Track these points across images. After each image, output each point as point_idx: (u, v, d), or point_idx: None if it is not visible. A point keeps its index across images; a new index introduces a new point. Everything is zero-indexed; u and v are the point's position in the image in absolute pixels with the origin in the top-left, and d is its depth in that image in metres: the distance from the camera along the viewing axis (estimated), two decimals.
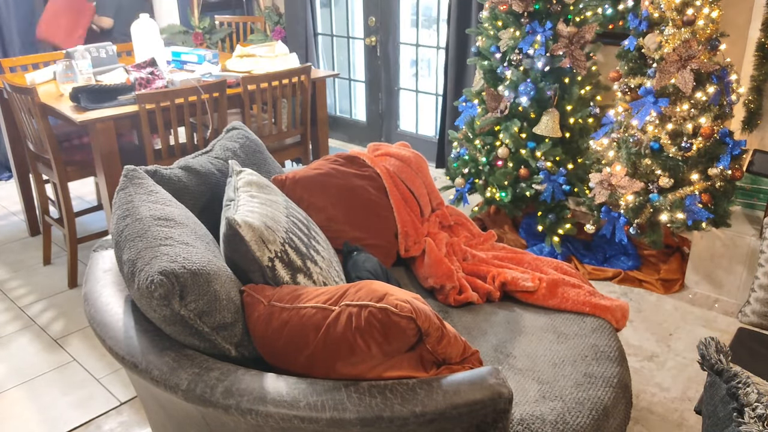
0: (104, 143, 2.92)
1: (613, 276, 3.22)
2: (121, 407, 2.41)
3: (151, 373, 1.37)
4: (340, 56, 5.43)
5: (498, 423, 1.29)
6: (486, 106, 3.34)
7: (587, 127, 3.32)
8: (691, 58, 2.69)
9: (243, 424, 1.31)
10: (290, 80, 3.45)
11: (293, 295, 1.45)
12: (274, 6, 5.32)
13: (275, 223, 1.61)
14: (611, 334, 1.95)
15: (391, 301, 1.29)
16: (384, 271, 2.01)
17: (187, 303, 1.35)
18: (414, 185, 2.45)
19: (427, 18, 4.83)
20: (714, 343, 1.32)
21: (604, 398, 1.65)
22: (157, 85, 3.22)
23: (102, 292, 1.64)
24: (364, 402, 1.25)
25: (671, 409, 2.35)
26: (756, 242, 2.87)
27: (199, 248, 1.48)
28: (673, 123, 2.82)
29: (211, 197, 1.97)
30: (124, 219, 1.56)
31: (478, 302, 2.08)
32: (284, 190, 2.16)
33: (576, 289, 2.08)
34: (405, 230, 2.33)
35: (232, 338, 1.43)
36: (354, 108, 5.49)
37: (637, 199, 2.89)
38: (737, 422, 1.13)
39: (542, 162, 3.22)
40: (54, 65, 3.40)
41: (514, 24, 3.22)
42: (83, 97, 2.98)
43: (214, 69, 3.55)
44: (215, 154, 2.10)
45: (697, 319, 2.90)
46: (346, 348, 1.29)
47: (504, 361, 1.78)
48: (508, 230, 3.58)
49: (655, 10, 2.79)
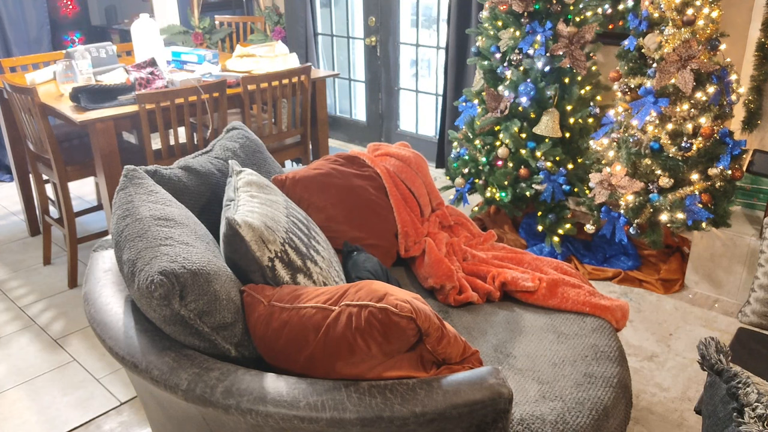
0: (104, 143, 2.92)
1: (613, 276, 3.22)
2: (121, 407, 2.41)
3: (151, 373, 1.37)
4: (340, 56, 5.42)
5: (498, 423, 1.29)
6: (486, 106, 3.34)
7: (587, 127, 3.32)
8: (691, 58, 2.69)
9: (243, 424, 1.31)
10: (290, 80, 3.45)
11: (293, 295, 1.45)
12: (274, 6, 5.32)
13: (275, 223, 1.61)
14: (611, 334, 1.95)
15: (391, 301, 1.29)
16: (384, 271, 2.01)
17: (187, 303, 1.35)
18: (414, 185, 2.45)
19: (427, 18, 4.83)
20: (714, 343, 1.32)
21: (604, 398, 1.65)
22: (157, 85, 3.22)
23: (102, 292, 1.64)
24: (364, 402, 1.25)
25: (671, 409, 2.35)
26: (756, 242, 2.87)
27: (199, 248, 1.48)
28: (673, 123, 2.82)
29: (211, 197, 1.97)
30: (124, 219, 1.56)
31: (478, 302, 2.08)
32: (284, 190, 2.16)
33: (576, 289, 2.08)
34: (405, 230, 2.33)
35: (232, 338, 1.43)
36: (354, 108, 5.49)
37: (637, 199, 2.89)
38: (737, 422, 1.13)
39: (542, 162, 3.22)
40: (54, 65, 3.40)
41: (514, 24, 3.22)
42: (83, 97, 2.98)
43: (214, 69, 3.55)
44: (215, 154, 2.10)
45: (697, 319, 2.90)
46: (346, 348, 1.29)
47: (504, 361, 1.78)
48: (508, 230, 3.58)
49: (655, 10, 2.79)
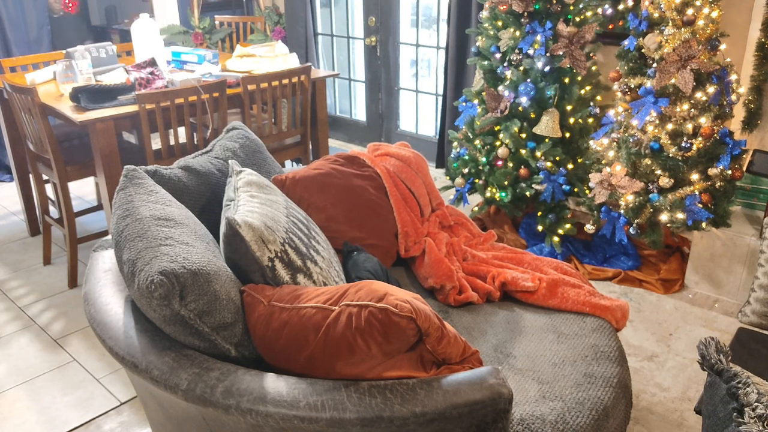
0: (104, 143, 2.91)
1: (613, 276, 3.22)
2: (121, 407, 2.41)
3: (151, 373, 1.37)
4: (340, 56, 5.42)
5: (498, 423, 1.29)
6: (486, 106, 3.34)
7: (587, 127, 3.32)
8: (691, 58, 2.69)
9: (243, 424, 1.31)
10: (290, 80, 3.45)
11: (293, 295, 1.44)
12: (274, 6, 5.32)
13: (275, 223, 1.61)
14: (611, 334, 1.94)
15: (391, 301, 1.29)
16: (384, 271, 2.01)
17: (187, 303, 1.35)
18: (414, 185, 2.45)
19: (427, 18, 4.83)
20: (714, 343, 1.32)
21: (604, 398, 1.65)
22: (157, 85, 3.22)
23: (102, 292, 1.64)
24: (364, 402, 1.25)
25: (671, 409, 2.35)
26: (756, 242, 2.87)
27: (199, 248, 1.48)
28: (673, 123, 2.82)
29: (211, 197, 1.97)
30: (124, 219, 1.56)
31: (478, 302, 2.08)
32: (284, 190, 2.16)
33: (576, 289, 2.08)
34: (405, 230, 2.33)
35: (232, 338, 1.43)
36: (354, 108, 5.49)
37: (637, 199, 2.89)
38: (737, 422, 1.13)
39: (542, 162, 3.22)
40: (54, 65, 3.40)
41: (514, 24, 3.22)
42: (83, 97, 2.98)
43: (214, 69, 3.55)
44: (215, 154, 2.10)
45: (697, 319, 2.90)
46: (346, 348, 1.29)
47: (504, 361, 1.78)
48: (508, 230, 3.58)
49: (655, 10, 2.79)
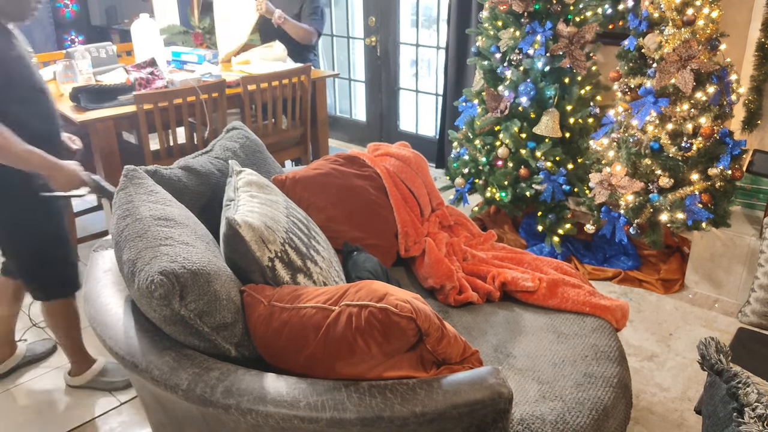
0: (104, 143, 2.91)
1: (613, 276, 3.21)
2: (121, 407, 2.41)
3: (151, 373, 1.37)
4: (340, 56, 5.42)
5: (498, 423, 1.29)
6: (486, 106, 3.34)
7: (587, 127, 3.32)
8: (691, 58, 2.69)
9: (243, 424, 1.31)
10: (290, 80, 3.45)
11: (293, 295, 1.44)
12: None
13: (275, 223, 1.61)
14: (611, 334, 1.94)
15: (391, 301, 1.29)
16: (384, 271, 2.01)
17: (187, 303, 1.35)
18: (414, 185, 2.45)
19: (427, 18, 4.83)
20: (714, 343, 1.32)
21: (604, 398, 1.65)
22: (156, 86, 3.22)
23: (102, 292, 1.64)
24: (364, 402, 1.25)
25: (671, 409, 2.35)
26: (756, 242, 2.87)
27: (199, 248, 1.48)
28: (673, 123, 2.82)
29: (211, 197, 1.97)
30: (124, 219, 1.56)
31: (478, 302, 2.08)
32: (284, 190, 2.16)
33: (576, 289, 2.08)
34: (405, 230, 2.33)
35: (232, 338, 1.43)
36: (354, 108, 5.49)
37: (637, 199, 2.89)
38: (737, 422, 1.13)
39: (542, 162, 3.22)
40: (54, 65, 3.40)
41: (514, 24, 3.22)
42: (83, 97, 2.98)
43: (214, 69, 3.55)
44: (215, 154, 2.10)
45: (697, 319, 2.90)
46: (346, 348, 1.29)
47: (504, 361, 1.78)
48: (508, 230, 3.58)
49: (655, 10, 2.78)
